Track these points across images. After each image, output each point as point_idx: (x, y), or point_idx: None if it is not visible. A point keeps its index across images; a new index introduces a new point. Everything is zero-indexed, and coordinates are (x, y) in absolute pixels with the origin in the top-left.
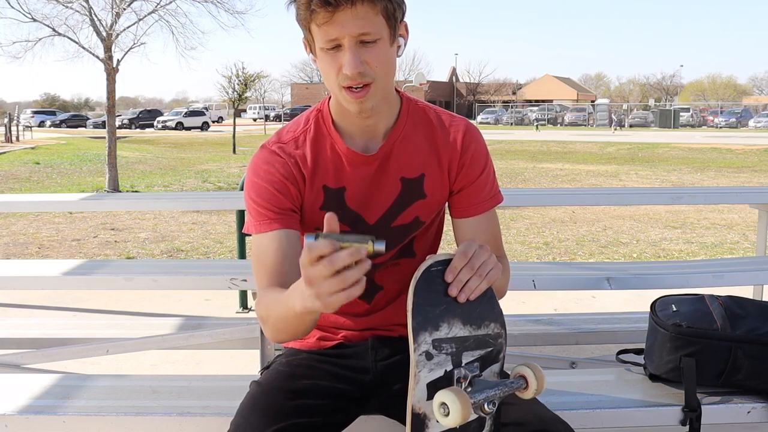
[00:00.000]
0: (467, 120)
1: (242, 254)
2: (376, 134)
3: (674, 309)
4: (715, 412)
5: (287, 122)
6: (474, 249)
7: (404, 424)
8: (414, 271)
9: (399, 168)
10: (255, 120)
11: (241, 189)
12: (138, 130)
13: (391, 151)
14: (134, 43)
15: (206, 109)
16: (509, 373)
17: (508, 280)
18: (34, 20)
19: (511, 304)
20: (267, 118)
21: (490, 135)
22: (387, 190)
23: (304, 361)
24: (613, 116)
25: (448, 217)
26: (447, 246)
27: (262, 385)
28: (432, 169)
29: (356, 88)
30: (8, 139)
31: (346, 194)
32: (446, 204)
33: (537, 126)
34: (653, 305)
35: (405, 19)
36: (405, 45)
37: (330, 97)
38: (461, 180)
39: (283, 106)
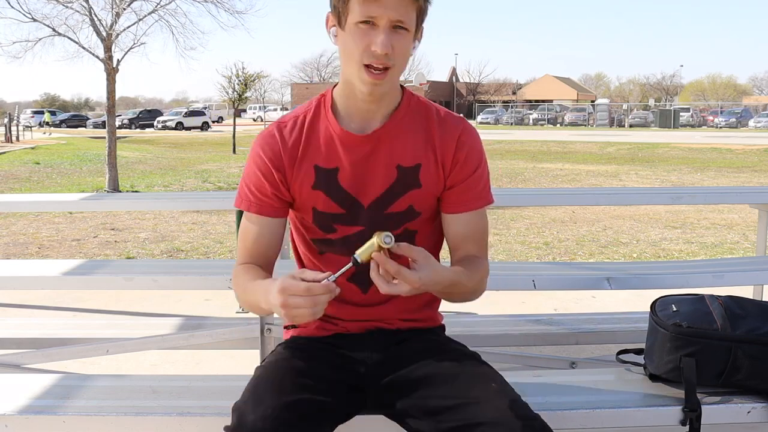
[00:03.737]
0: (466, 121)
1: None
2: (375, 118)
3: (674, 309)
4: (715, 412)
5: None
6: (409, 278)
7: (400, 420)
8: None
9: (394, 154)
10: (255, 120)
11: None
12: (138, 130)
13: (386, 134)
14: (134, 43)
15: (206, 108)
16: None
17: (479, 283)
18: (34, 20)
19: (511, 304)
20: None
21: (490, 135)
22: (381, 176)
23: (304, 345)
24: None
25: None
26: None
27: (266, 368)
28: (428, 160)
29: (376, 70)
30: (8, 139)
31: (339, 175)
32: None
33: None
34: (653, 305)
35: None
36: (416, 48)
37: (335, 85)
38: (454, 176)
39: (283, 106)
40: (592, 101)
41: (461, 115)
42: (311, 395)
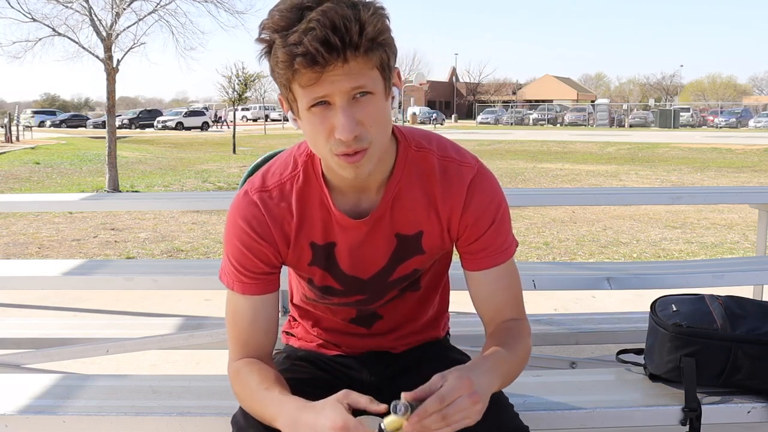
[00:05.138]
0: (474, 166)
1: None
2: (369, 189)
3: (674, 309)
4: (715, 412)
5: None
6: (455, 395)
7: None
8: (419, 302)
9: (393, 225)
10: (216, 121)
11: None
12: (138, 130)
13: (384, 213)
14: (134, 43)
15: (206, 109)
16: None
17: (525, 351)
18: (34, 20)
19: None
20: (267, 117)
21: (490, 135)
22: (381, 248)
23: (304, 356)
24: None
25: None
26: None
27: None
28: (431, 225)
29: (351, 155)
30: (8, 139)
31: (336, 250)
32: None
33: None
34: (653, 305)
35: (396, 65)
36: (399, 94)
37: None
38: (466, 238)
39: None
40: (592, 101)
41: (468, 162)
42: None
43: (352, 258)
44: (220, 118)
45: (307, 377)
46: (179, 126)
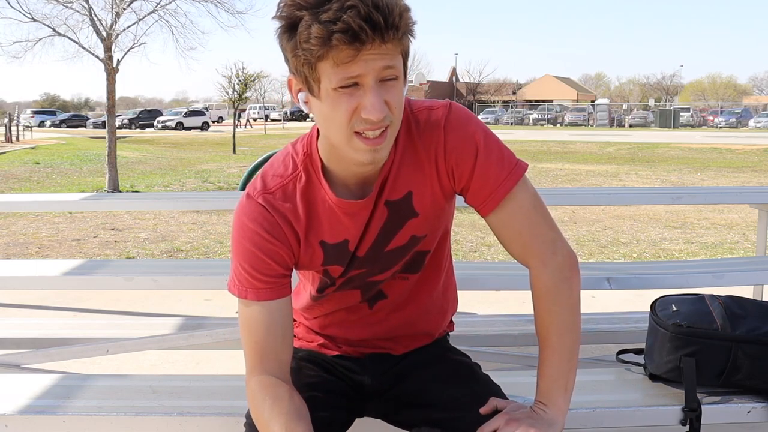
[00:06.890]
0: (448, 105)
1: None
2: (371, 180)
3: (674, 309)
4: (715, 412)
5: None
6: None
7: (402, 428)
8: (423, 285)
9: (384, 194)
10: (255, 119)
11: (242, 189)
12: (138, 130)
13: (385, 184)
14: (134, 43)
15: (206, 109)
16: None
17: (574, 323)
18: (34, 20)
19: (511, 304)
20: (267, 117)
21: None
22: (373, 219)
23: (305, 356)
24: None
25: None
26: (459, 239)
27: None
28: (418, 183)
29: (372, 134)
30: (8, 139)
31: (350, 245)
32: (447, 210)
33: None
34: (653, 305)
35: None
36: (406, 89)
37: (318, 137)
38: (459, 180)
39: (283, 106)
40: (592, 101)
41: (439, 105)
42: (320, 410)
43: (360, 240)
44: (220, 118)
45: (312, 381)
46: (179, 126)
